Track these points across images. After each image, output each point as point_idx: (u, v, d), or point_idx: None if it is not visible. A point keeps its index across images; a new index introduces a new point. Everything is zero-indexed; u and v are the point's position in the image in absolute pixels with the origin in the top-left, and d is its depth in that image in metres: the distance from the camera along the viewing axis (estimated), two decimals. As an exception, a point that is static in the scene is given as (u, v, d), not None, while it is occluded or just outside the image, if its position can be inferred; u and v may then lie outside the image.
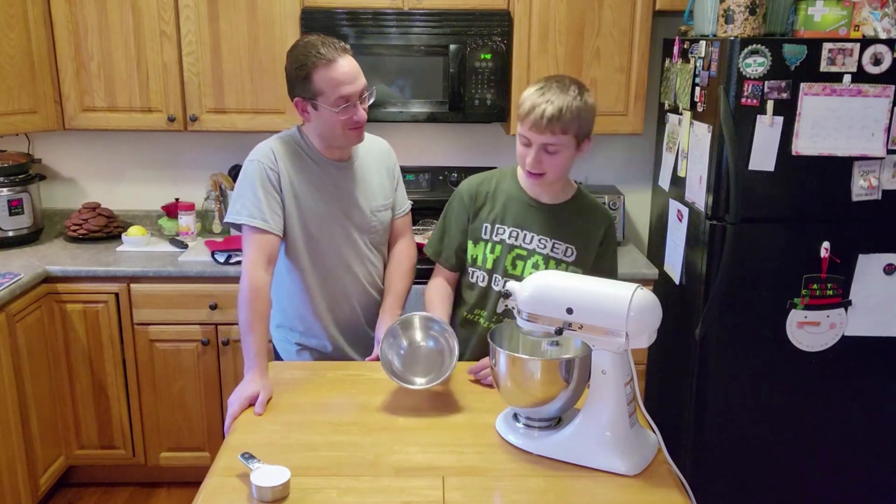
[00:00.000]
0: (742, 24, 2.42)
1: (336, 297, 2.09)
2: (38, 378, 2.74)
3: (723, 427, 2.62)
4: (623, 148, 3.35)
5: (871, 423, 2.62)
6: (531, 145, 1.84)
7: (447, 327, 1.83)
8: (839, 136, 2.38)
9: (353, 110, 1.91)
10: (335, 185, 2.03)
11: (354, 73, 1.90)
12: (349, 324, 2.13)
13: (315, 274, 2.06)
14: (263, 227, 1.92)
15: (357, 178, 2.07)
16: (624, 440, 1.51)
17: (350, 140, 1.99)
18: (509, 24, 2.88)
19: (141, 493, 3.06)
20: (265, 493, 1.40)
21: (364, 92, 1.93)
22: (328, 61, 1.86)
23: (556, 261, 1.97)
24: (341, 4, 2.87)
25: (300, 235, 2.02)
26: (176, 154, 3.34)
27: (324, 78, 1.87)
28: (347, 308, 2.12)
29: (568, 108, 1.80)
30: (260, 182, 1.94)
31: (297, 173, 1.99)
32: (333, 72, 1.87)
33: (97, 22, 2.88)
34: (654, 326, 1.48)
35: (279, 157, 1.98)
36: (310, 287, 2.07)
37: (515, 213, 1.98)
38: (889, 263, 2.50)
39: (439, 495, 1.43)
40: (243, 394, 1.76)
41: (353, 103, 1.90)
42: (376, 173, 2.12)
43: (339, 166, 2.04)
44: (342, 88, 1.87)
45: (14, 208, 3.03)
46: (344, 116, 1.90)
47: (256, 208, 1.92)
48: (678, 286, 2.75)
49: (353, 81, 1.89)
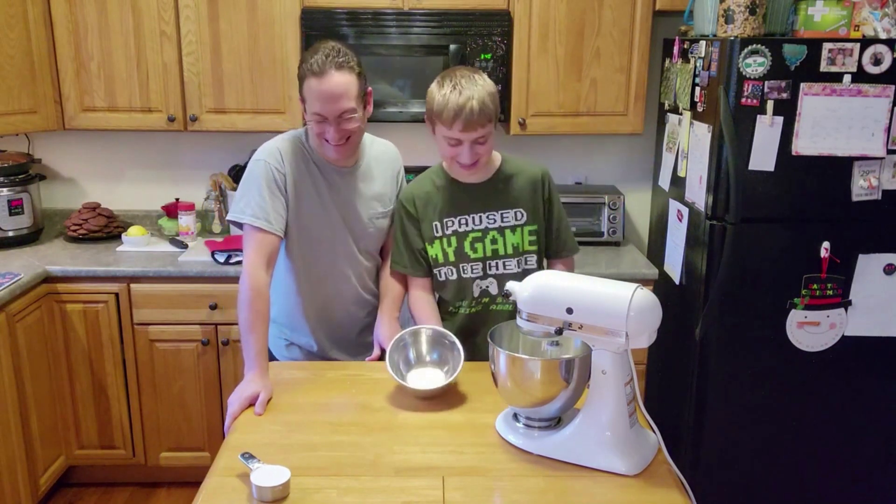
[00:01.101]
0: (742, 24, 2.42)
1: (326, 299, 2.11)
2: (38, 378, 2.74)
3: (723, 427, 2.62)
4: (623, 148, 3.35)
5: (871, 423, 2.62)
6: (461, 144, 1.88)
7: (458, 345, 1.85)
8: (839, 136, 2.38)
9: (325, 127, 1.90)
10: (335, 189, 2.04)
11: (335, 94, 1.86)
12: (337, 326, 2.15)
13: (307, 275, 2.07)
14: (266, 228, 1.93)
15: (358, 185, 2.07)
16: (624, 440, 1.51)
17: (327, 153, 1.98)
18: (509, 24, 2.88)
19: (141, 493, 3.06)
20: (265, 493, 1.40)
21: (345, 115, 1.89)
22: (315, 74, 1.86)
23: (510, 228, 2.02)
24: (341, 4, 2.87)
25: (297, 236, 2.03)
26: (176, 154, 3.34)
27: (308, 88, 1.88)
28: (337, 310, 2.13)
29: (487, 96, 1.87)
30: (266, 182, 1.94)
31: (301, 175, 2.00)
32: (316, 85, 1.86)
33: (97, 22, 2.88)
34: (654, 326, 1.48)
35: (286, 158, 1.98)
36: (301, 287, 2.09)
37: (455, 203, 2.02)
38: (889, 263, 2.50)
39: (439, 495, 1.43)
40: (243, 394, 1.76)
41: (327, 121, 1.89)
42: (380, 180, 2.12)
43: (341, 171, 2.04)
44: (315, 104, 1.88)
45: (14, 208, 3.03)
46: (316, 130, 1.92)
47: (261, 208, 1.93)
48: (678, 286, 2.75)
49: (330, 102, 1.86)
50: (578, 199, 3.16)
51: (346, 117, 1.89)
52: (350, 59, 1.89)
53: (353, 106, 1.89)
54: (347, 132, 1.92)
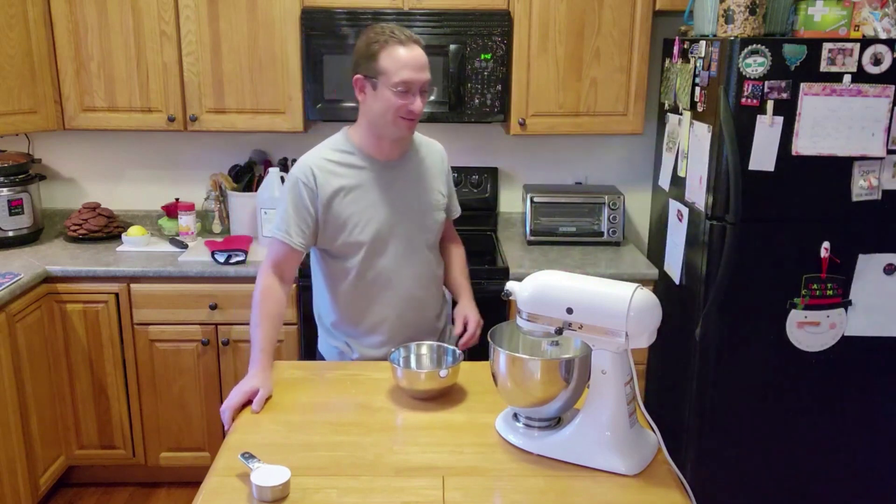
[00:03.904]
0: (742, 24, 2.42)
1: (383, 299, 2.07)
2: (38, 378, 2.74)
3: (723, 427, 2.62)
4: (623, 148, 3.35)
5: (871, 423, 2.62)
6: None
7: (458, 355, 1.87)
8: (839, 136, 2.38)
9: (410, 98, 1.89)
10: (387, 186, 2.02)
11: (421, 63, 1.89)
12: (390, 328, 2.09)
13: (362, 278, 2.04)
14: (284, 240, 1.98)
15: (412, 178, 2.07)
16: (624, 440, 1.51)
17: (399, 129, 1.95)
18: (509, 24, 2.88)
19: (141, 493, 3.06)
20: (265, 493, 1.40)
21: (426, 87, 1.91)
22: (401, 43, 1.87)
23: None
24: (341, 4, 2.87)
25: (354, 239, 2.00)
26: (176, 154, 3.34)
27: (391, 57, 1.86)
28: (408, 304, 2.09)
29: None
30: (292, 198, 1.98)
31: (345, 178, 1.99)
32: (402, 53, 1.86)
33: (97, 22, 2.88)
34: (653, 326, 1.48)
35: (318, 171, 1.98)
36: (349, 294, 2.06)
37: None
38: (889, 263, 2.50)
39: (439, 495, 1.43)
40: (242, 388, 1.78)
41: (412, 91, 1.88)
42: (431, 173, 2.12)
43: (389, 166, 2.03)
44: (405, 72, 1.86)
45: (14, 208, 3.03)
46: (400, 101, 1.88)
47: (284, 222, 1.98)
48: (678, 286, 2.75)
49: (418, 70, 1.88)
50: (578, 199, 3.16)
51: (423, 89, 1.91)
52: None
53: (430, 79, 1.93)
54: (421, 108, 1.92)
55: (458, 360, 1.85)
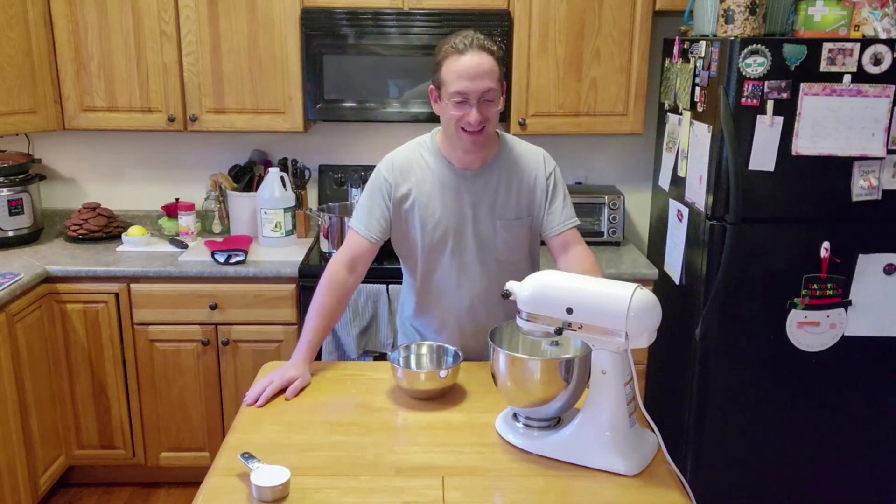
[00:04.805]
0: (742, 24, 2.42)
1: (442, 306, 2.05)
2: (38, 378, 2.74)
3: (723, 427, 2.62)
4: (623, 148, 3.35)
5: (871, 423, 2.62)
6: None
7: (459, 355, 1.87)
8: (839, 136, 2.38)
9: (466, 108, 1.83)
10: (456, 194, 1.97)
11: (478, 72, 1.81)
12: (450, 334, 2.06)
13: (425, 281, 2.05)
14: (358, 231, 1.99)
15: (490, 189, 1.97)
16: (624, 440, 1.51)
17: (464, 142, 1.88)
18: (509, 24, 2.88)
19: (141, 493, 3.06)
20: (265, 493, 1.40)
21: (488, 96, 1.83)
22: (458, 51, 1.82)
23: None
24: (341, 4, 2.87)
25: (416, 242, 2.01)
26: (176, 154, 3.34)
27: (448, 67, 1.84)
28: (455, 316, 2.05)
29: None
30: (370, 190, 2.01)
31: (419, 180, 1.98)
32: (457, 63, 1.82)
33: (97, 22, 2.88)
34: (653, 326, 1.48)
35: (398, 167, 1.98)
36: (418, 292, 2.07)
37: None
38: (889, 263, 2.50)
39: (439, 495, 1.43)
40: (283, 374, 1.82)
41: (468, 102, 1.82)
42: (516, 188, 1.99)
43: (464, 174, 1.97)
44: (459, 83, 1.81)
45: (14, 208, 3.03)
46: (457, 112, 1.84)
47: (360, 212, 2.01)
48: (678, 286, 2.75)
49: (472, 79, 1.81)
50: (578, 199, 3.13)
51: (487, 98, 1.83)
52: (492, 43, 1.87)
53: (494, 87, 1.84)
54: (487, 117, 1.85)
55: (458, 361, 1.85)
